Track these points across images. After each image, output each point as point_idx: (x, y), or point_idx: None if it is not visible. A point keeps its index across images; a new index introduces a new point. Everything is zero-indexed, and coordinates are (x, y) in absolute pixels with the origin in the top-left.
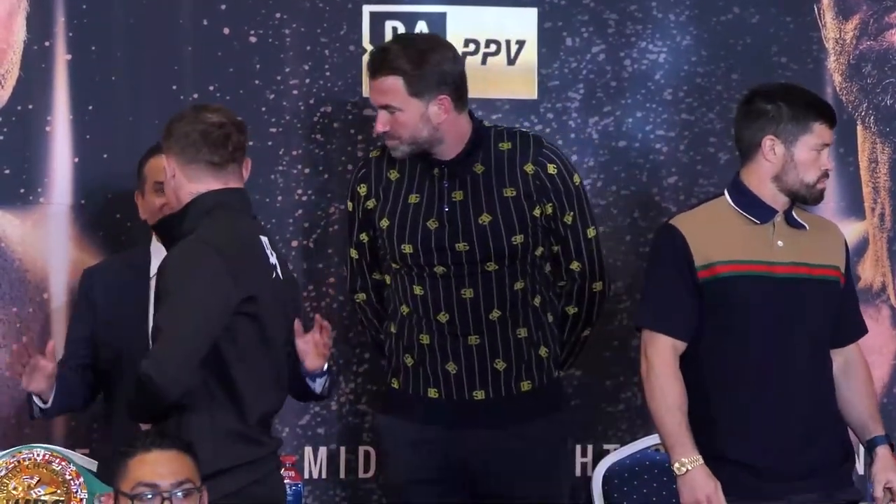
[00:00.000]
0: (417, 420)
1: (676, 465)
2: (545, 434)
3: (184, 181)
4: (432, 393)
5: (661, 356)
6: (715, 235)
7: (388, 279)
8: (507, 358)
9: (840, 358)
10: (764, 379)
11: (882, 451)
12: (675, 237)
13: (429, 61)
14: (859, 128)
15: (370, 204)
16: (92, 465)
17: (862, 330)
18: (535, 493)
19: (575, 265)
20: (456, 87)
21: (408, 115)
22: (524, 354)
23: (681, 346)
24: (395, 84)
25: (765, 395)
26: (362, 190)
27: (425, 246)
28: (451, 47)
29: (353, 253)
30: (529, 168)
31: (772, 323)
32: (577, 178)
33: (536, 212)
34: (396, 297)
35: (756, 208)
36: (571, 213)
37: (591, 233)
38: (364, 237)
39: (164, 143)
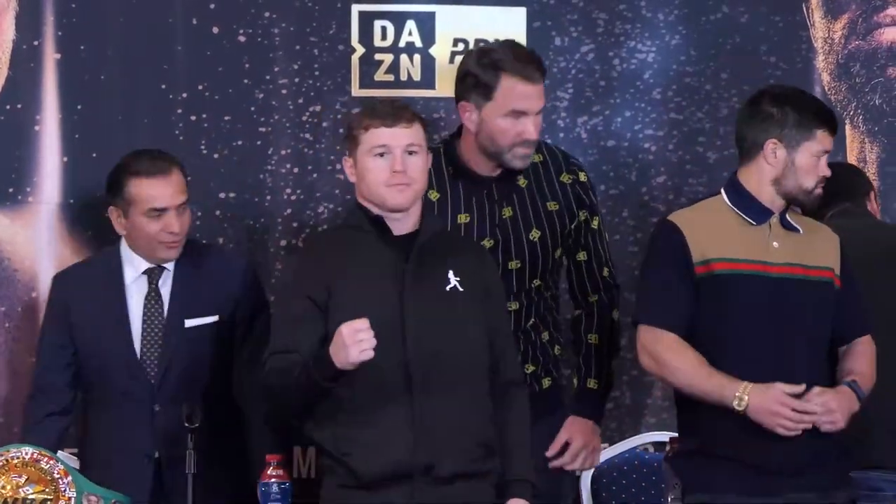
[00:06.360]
0: None
1: (735, 404)
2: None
3: None
4: None
5: (668, 346)
6: (712, 233)
7: None
8: (535, 361)
9: (844, 349)
10: (760, 377)
11: (840, 387)
12: (673, 233)
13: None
14: (847, 127)
15: None
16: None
17: (864, 329)
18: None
19: (606, 271)
20: None
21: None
22: (548, 355)
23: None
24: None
25: None
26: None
27: None
28: None
29: None
30: (566, 178)
31: (768, 322)
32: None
33: (573, 225)
34: None
35: (753, 209)
36: (597, 219)
37: (606, 235)
38: None
39: None
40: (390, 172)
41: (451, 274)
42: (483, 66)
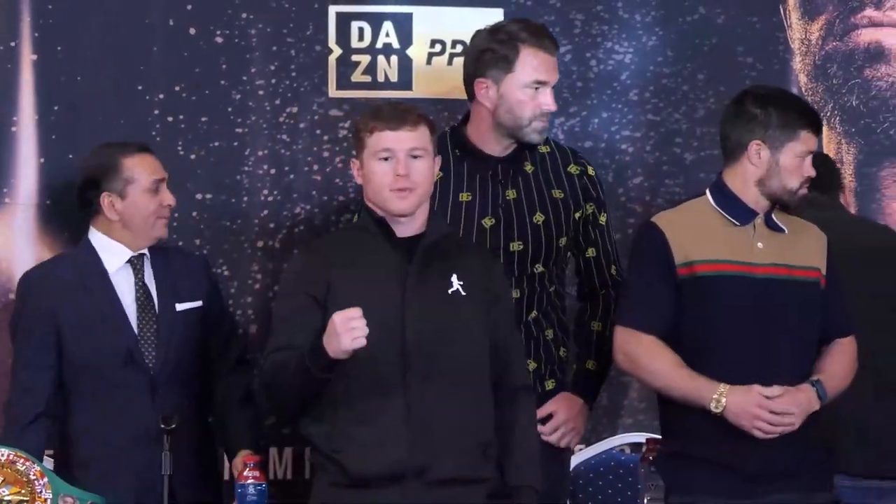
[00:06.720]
0: None
1: (712, 406)
2: None
3: None
4: None
5: (645, 348)
6: (695, 234)
7: None
8: (537, 358)
9: (824, 349)
10: (745, 378)
11: (801, 386)
12: (655, 235)
13: None
14: (825, 128)
15: None
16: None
17: (848, 329)
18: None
19: (613, 269)
20: None
21: None
22: (552, 355)
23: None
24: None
25: None
26: None
27: None
28: None
29: None
30: (573, 169)
31: (753, 323)
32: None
33: (578, 214)
34: None
35: (737, 210)
36: (604, 215)
37: (613, 233)
38: None
39: None
40: (394, 176)
41: (454, 277)
42: (500, 41)
